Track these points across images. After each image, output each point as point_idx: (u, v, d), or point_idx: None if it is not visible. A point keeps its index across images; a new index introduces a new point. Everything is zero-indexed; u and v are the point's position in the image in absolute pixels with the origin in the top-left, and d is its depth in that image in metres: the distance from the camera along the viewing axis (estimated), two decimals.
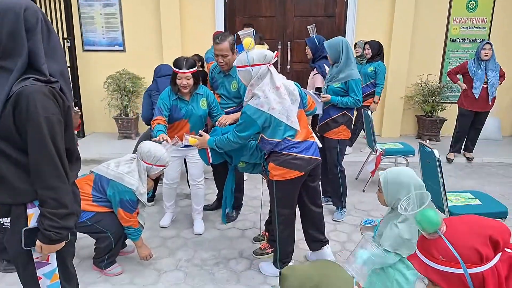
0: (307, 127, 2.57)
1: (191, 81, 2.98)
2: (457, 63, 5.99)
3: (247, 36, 2.39)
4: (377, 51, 5.17)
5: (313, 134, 2.71)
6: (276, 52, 2.53)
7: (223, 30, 6.00)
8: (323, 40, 4.01)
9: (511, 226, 1.14)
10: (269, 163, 2.51)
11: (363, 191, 4.28)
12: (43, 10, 6.19)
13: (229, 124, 3.05)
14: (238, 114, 3.12)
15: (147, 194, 2.80)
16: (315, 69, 4.01)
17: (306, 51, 4.09)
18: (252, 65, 2.36)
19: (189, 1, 6.08)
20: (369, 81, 5.23)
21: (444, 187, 2.69)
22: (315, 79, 4.00)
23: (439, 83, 6.17)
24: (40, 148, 1.39)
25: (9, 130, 1.39)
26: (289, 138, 2.42)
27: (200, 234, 3.32)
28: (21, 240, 1.49)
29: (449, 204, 2.76)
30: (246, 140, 2.48)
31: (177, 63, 2.97)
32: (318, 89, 3.72)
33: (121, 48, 6.43)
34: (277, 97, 2.37)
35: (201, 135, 2.68)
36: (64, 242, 1.54)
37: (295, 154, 2.43)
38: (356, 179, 4.65)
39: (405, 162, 4.31)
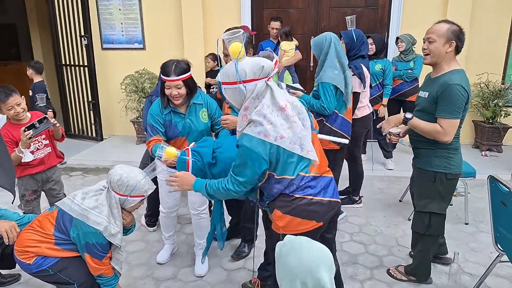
0: (323, 155, 1.89)
1: (182, 91, 2.38)
2: None
3: (235, 39, 1.68)
4: (380, 46, 4.40)
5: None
6: (275, 59, 1.84)
7: (249, 25, 5.38)
8: (362, 36, 3.34)
9: None
10: (274, 210, 1.83)
11: (409, 219, 3.50)
12: (59, 6, 5.88)
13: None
14: None
15: (127, 231, 2.25)
16: (350, 70, 3.30)
17: None
18: (244, 82, 1.68)
19: None
20: (377, 82, 4.42)
21: None
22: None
23: (502, 84, 5.22)
24: None
25: None
26: (303, 173, 1.75)
27: (202, 276, 2.74)
28: None
29: None
30: (250, 185, 1.79)
31: (164, 68, 2.36)
32: (288, 86, 3.22)
33: (141, 46, 5.99)
34: (285, 121, 1.70)
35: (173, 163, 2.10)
36: None
37: (310, 197, 1.75)
38: (400, 201, 3.87)
39: (462, 185, 3.48)
